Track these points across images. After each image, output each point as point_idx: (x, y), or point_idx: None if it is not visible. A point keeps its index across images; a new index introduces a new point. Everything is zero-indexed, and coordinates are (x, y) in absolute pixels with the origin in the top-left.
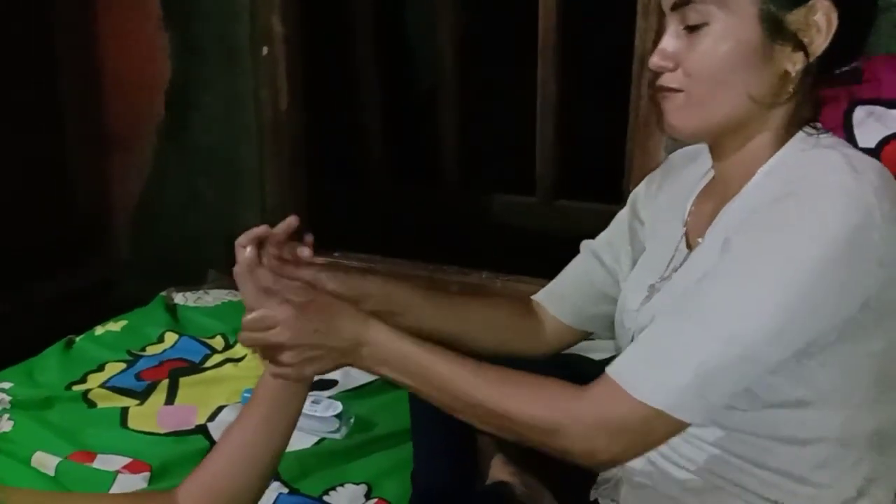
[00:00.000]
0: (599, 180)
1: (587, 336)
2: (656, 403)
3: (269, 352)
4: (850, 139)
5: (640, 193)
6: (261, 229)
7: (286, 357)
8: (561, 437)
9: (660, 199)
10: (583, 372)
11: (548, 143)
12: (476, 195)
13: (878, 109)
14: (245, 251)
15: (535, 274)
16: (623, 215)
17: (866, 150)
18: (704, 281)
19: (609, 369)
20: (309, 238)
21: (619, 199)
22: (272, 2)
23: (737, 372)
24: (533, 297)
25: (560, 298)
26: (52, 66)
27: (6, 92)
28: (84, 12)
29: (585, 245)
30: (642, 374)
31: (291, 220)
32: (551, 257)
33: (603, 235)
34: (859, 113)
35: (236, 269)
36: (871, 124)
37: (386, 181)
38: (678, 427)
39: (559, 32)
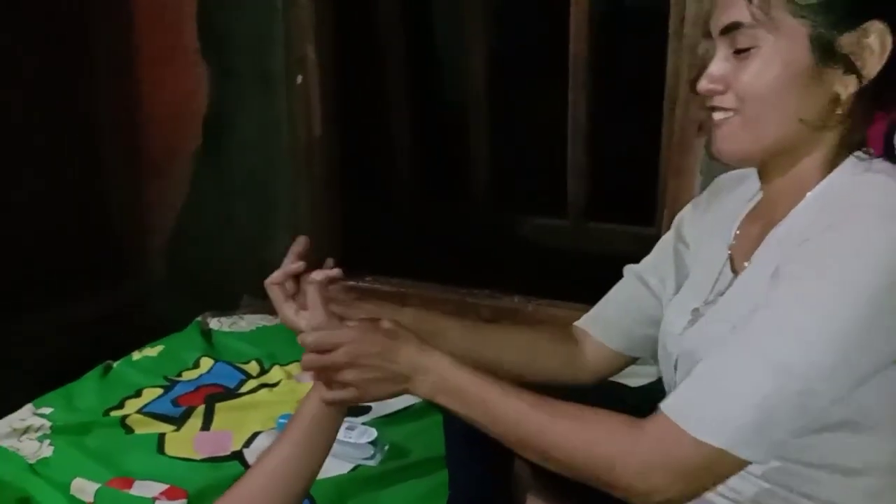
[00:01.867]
0: (631, 202)
1: (633, 361)
2: (718, 442)
3: (329, 373)
4: (893, 159)
5: (685, 216)
6: (294, 267)
7: (347, 377)
8: (617, 473)
9: (705, 221)
10: (622, 399)
11: (579, 165)
12: (507, 217)
13: None
14: (276, 289)
15: (567, 298)
16: (668, 238)
17: None
18: (757, 313)
19: (665, 406)
20: (335, 271)
21: (651, 222)
22: (306, 31)
23: (797, 406)
24: (575, 323)
25: (606, 323)
26: (92, 93)
27: (47, 119)
28: (123, 41)
29: (629, 269)
30: (701, 412)
31: (334, 270)
32: (584, 280)
33: (648, 259)
34: None
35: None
36: None
37: (417, 203)
38: (740, 466)
39: (590, 54)
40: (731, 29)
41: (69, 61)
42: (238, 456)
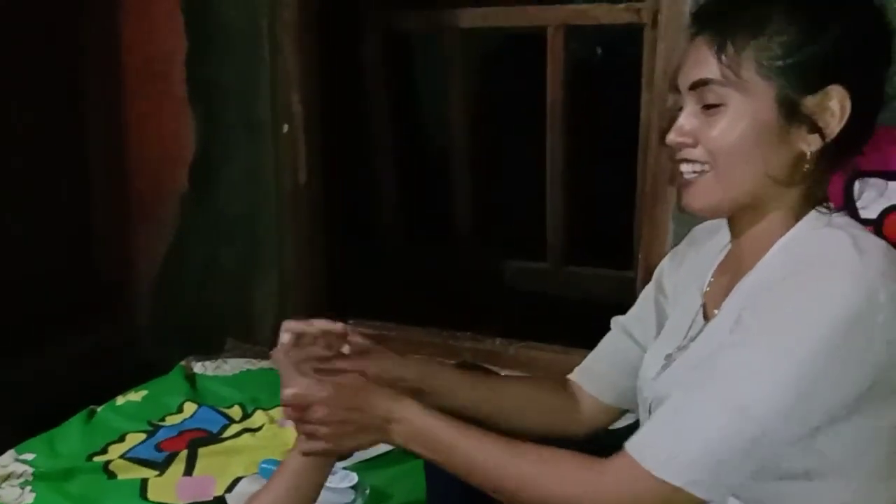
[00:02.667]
0: (609, 246)
1: (624, 413)
2: (675, 480)
3: (306, 427)
4: (851, 210)
5: (664, 267)
6: (312, 328)
7: (322, 431)
8: None
9: (682, 271)
10: (598, 441)
11: (557, 211)
12: (489, 261)
13: (878, 181)
14: (287, 336)
15: (548, 340)
16: (649, 290)
17: (868, 222)
18: (717, 356)
19: (628, 445)
20: (345, 329)
21: (629, 265)
22: (292, 80)
23: (750, 448)
24: (569, 376)
25: (596, 377)
26: (80, 138)
27: (36, 161)
28: (113, 87)
29: (615, 322)
30: (659, 451)
31: (343, 327)
32: (563, 323)
33: (632, 311)
34: (859, 185)
35: (275, 352)
36: (872, 196)
37: (401, 247)
38: (696, 503)
39: (566, 101)
40: (699, 85)
41: (60, 107)
42: (220, 501)
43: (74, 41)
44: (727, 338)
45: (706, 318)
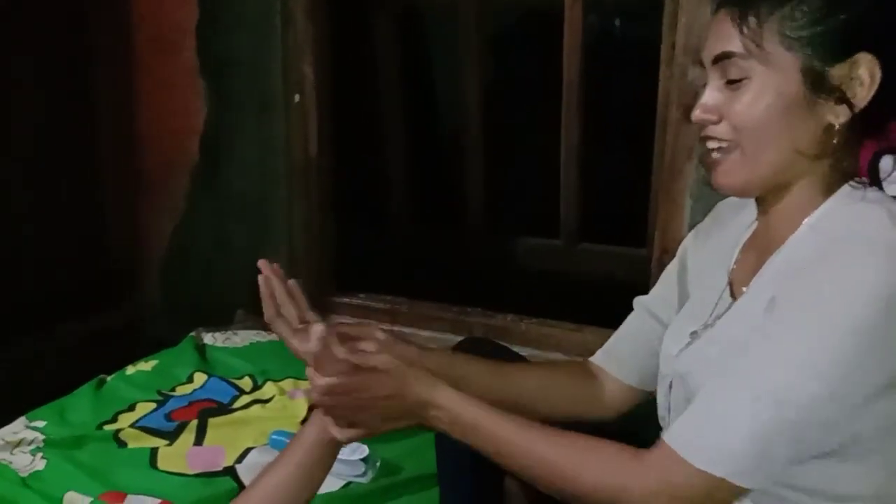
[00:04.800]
0: (623, 224)
1: (649, 394)
2: (717, 471)
3: (342, 413)
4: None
5: (688, 245)
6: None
7: (359, 418)
8: (623, 502)
9: (707, 248)
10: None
11: (571, 188)
12: (500, 238)
13: None
14: (281, 323)
15: (559, 317)
16: (672, 268)
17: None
18: (752, 341)
19: (667, 436)
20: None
21: (642, 243)
22: (304, 51)
23: (793, 436)
24: (590, 359)
25: (619, 359)
26: (90, 111)
27: (44, 136)
28: (123, 60)
29: (638, 302)
30: (701, 442)
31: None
32: (575, 300)
33: (655, 291)
34: (886, 162)
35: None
36: None
37: (412, 223)
38: (739, 493)
39: (582, 80)
40: (722, 58)
41: (69, 80)
42: (230, 471)
43: (84, 13)
44: (761, 322)
45: (733, 296)
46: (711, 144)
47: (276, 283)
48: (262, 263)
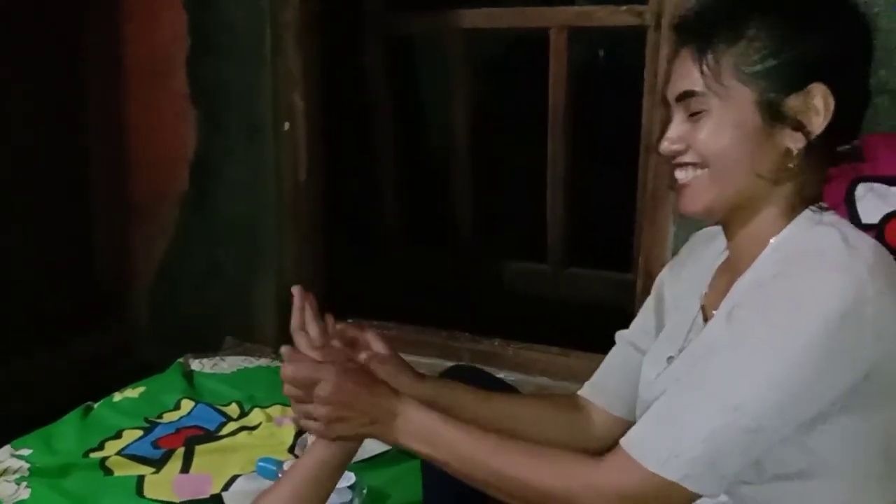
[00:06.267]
0: (610, 249)
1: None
2: (669, 475)
3: (306, 406)
4: (853, 216)
5: (664, 277)
6: (299, 314)
7: (321, 412)
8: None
9: (682, 278)
10: None
11: (558, 213)
12: (489, 262)
13: (880, 187)
14: (301, 336)
15: (546, 342)
16: (649, 301)
17: (870, 227)
18: (711, 352)
19: (623, 441)
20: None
21: (628, 268)
22: (294, 79)
23: (745, 443)
24: (579, 392)
25: (605, 391)
26: (81, 137)
27: (35, 162)
28: (114, 86)
29: (620, 336)
30: (654, 446)
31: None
32: (562, 325)
33: (635, 323)
34: (860, 190)
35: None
36: (872, 201)
37: (401, 248)
38: (691, 498)
39: (568, 108)
40: (685, 96)
41: (60, 106)
42: (217, 499)
43: (76, 40)
44: (721, 335)
45: (705, 319)
46: (679, 174)
47: (309, 310)
48: (296, 290)
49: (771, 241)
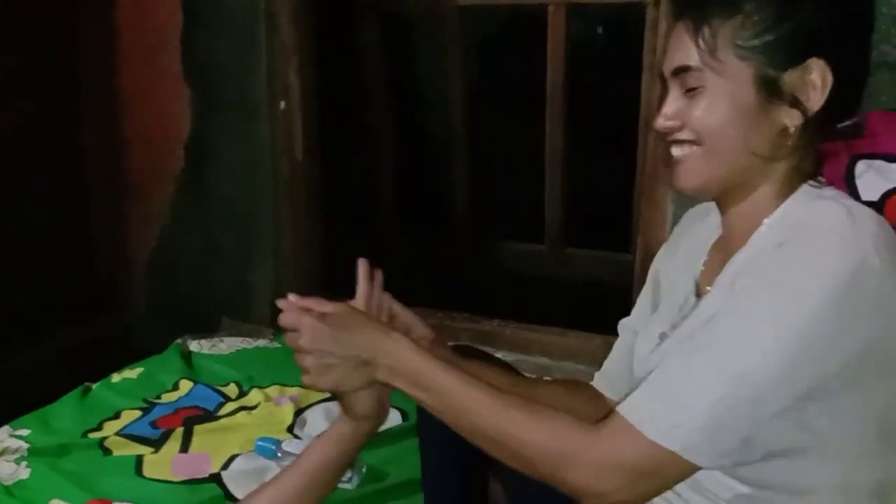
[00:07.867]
0: (608, 229)
1: None
2: (670, 445)
3: (297, 358)
4: (853, 192)
5: (659, 259)
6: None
7: (306, 363)
8: (571, 470)
9: (676, 258)
10: None
11: (555, 194)
12: (486, 242)
13: (879, 163)
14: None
15: (544, 322)
16: (647, 286)
17: (869, 203)
18: (712, 321)
19: (621, 408)
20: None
21: (626, 248)
22: (289, 58)
23: (747, 413)
24: (592, 382)
25: (613, 380)
26: (74, 118)
27: (29, 143)
28: (107, 67)
29: (622, 325)
30: (655, 415)
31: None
32: (560, 305)
33: (635, 311)
34: (860, 167)
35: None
36: (872, 178)
37: (399, 228)
38: (690, 470)
39: (565, 86)
40: (680, 72)
41: (53, 84)
42: (216, 478)
43: (69, 20)
44: (722, 304)
45: (699, 296)
46: (675, 150)
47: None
48: (362, 262)
49: (765, 220)
